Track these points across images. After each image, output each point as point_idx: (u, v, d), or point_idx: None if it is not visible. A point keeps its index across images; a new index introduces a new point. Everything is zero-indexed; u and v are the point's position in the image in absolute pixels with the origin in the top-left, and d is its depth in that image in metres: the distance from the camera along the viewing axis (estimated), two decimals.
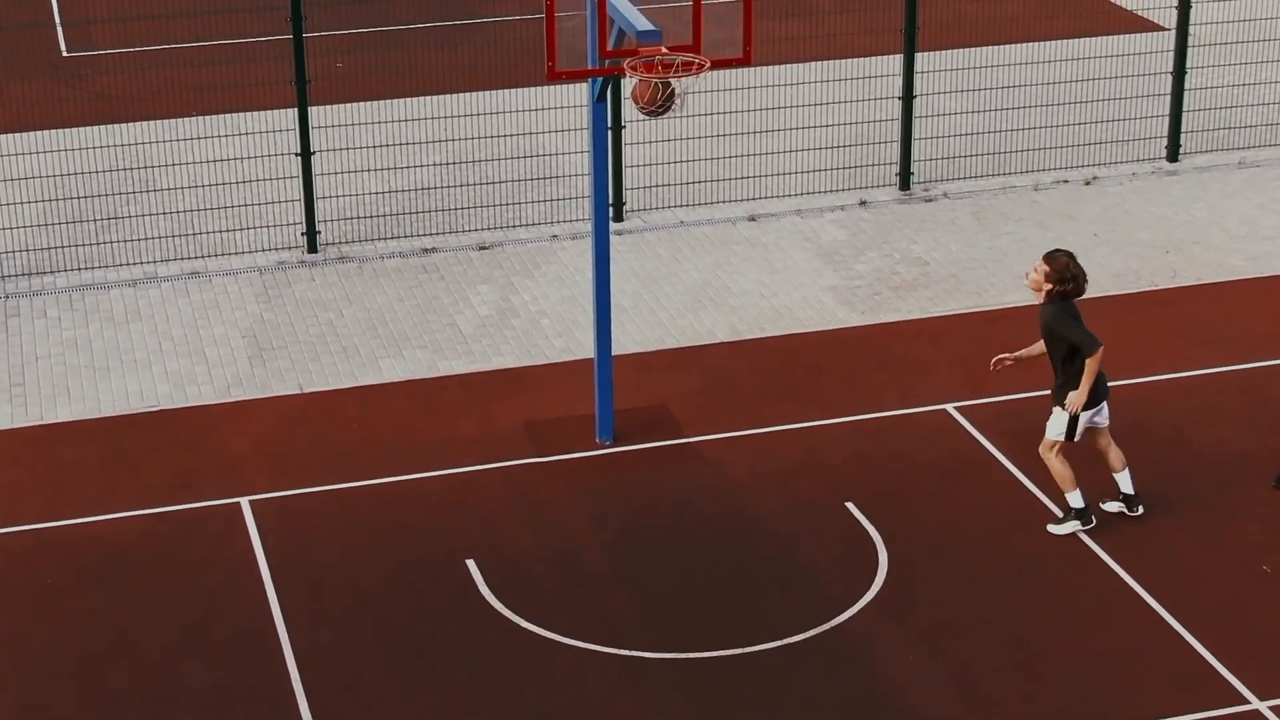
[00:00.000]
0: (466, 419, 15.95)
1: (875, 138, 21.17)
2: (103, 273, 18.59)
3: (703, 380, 16.52)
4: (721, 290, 18.16)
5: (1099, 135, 21.28)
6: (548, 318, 17.67)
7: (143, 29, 25.08)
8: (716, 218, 19.71)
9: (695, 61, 12.81)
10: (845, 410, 15.99)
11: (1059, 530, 14.24)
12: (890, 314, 17.67)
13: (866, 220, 19.62)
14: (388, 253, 18.96)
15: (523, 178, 20.38)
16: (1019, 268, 18.50)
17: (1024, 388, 16.26)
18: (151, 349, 17.17)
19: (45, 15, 25.79)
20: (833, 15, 25.00)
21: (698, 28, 13.00)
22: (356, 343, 17.26)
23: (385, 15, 25.55)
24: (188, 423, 15.95)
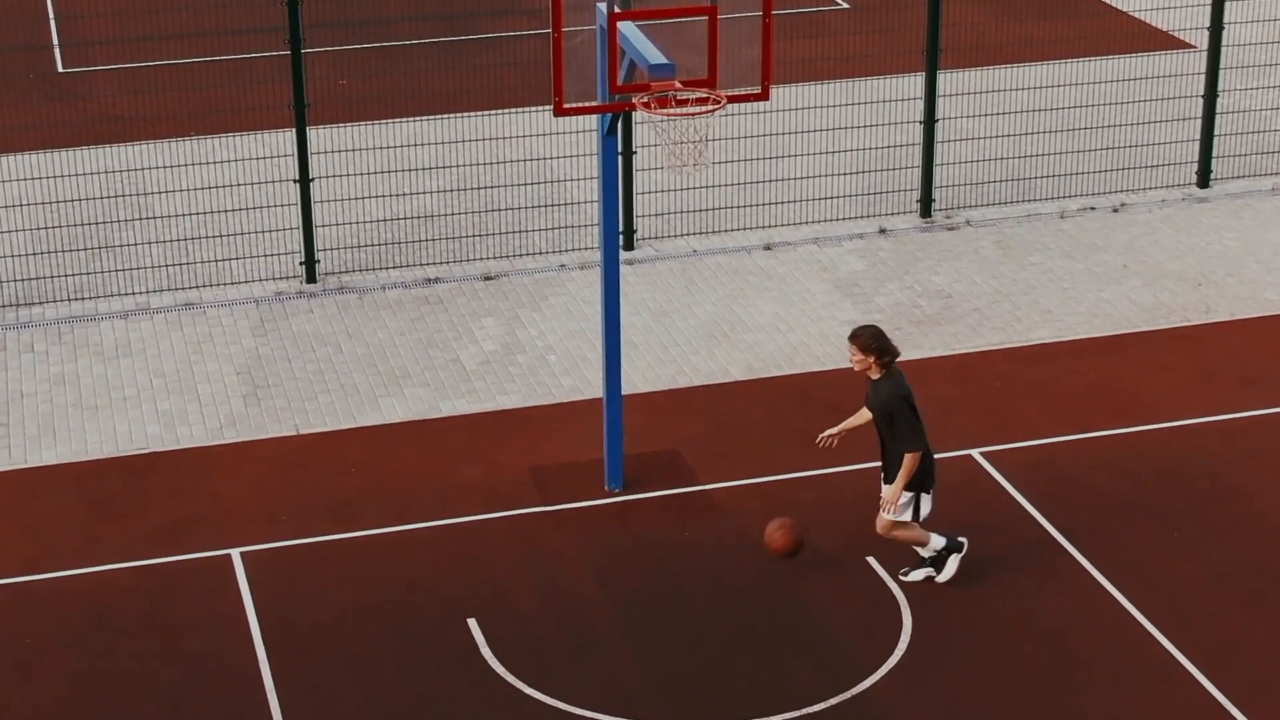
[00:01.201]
0: (469, 463, 15.24)
1: (895, 163, 20.44)
2: (93, 304, 17.89)
3: (716, 422, 15.80)
4: (736, 324, 17.44)
5: (1127, 160, 20.55)
6: (555, 354, 16.96)
7: (142, 34, 24.38)
8: (731, 246, 18.99)
9: (711, 98, 12.08)
10: (865, 455, 15.25)
11: (945, 577, 13.55)
12: (911, 350, 16.94)
13: (886, 249, 18.89)
14: (389, 283, 18.25)
15: (530, 204, 19.67)
16: (1046, 301, 17.76)
17: (1054, 432, 15.54)
18: (142, 386, 16.47)
19: (43, 31, 25.09)
20: (851, 36, 24.28)
21: (713, 62, 12.27)
22: (356, 380, 16.55)
23: (388, 31, 24.82)
24: (178, 466, 15.25)
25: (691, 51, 13.38)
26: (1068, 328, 17.32)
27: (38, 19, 25.47)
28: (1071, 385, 16.30)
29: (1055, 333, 17.22)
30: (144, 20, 25.04)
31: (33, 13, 25.70)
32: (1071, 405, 15.97)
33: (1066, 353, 16.87)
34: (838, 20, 24.93)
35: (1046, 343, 17.05)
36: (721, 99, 12.10)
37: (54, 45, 24.47)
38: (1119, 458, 15.19)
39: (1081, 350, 16.90)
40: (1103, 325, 17.35)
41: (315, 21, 24.54)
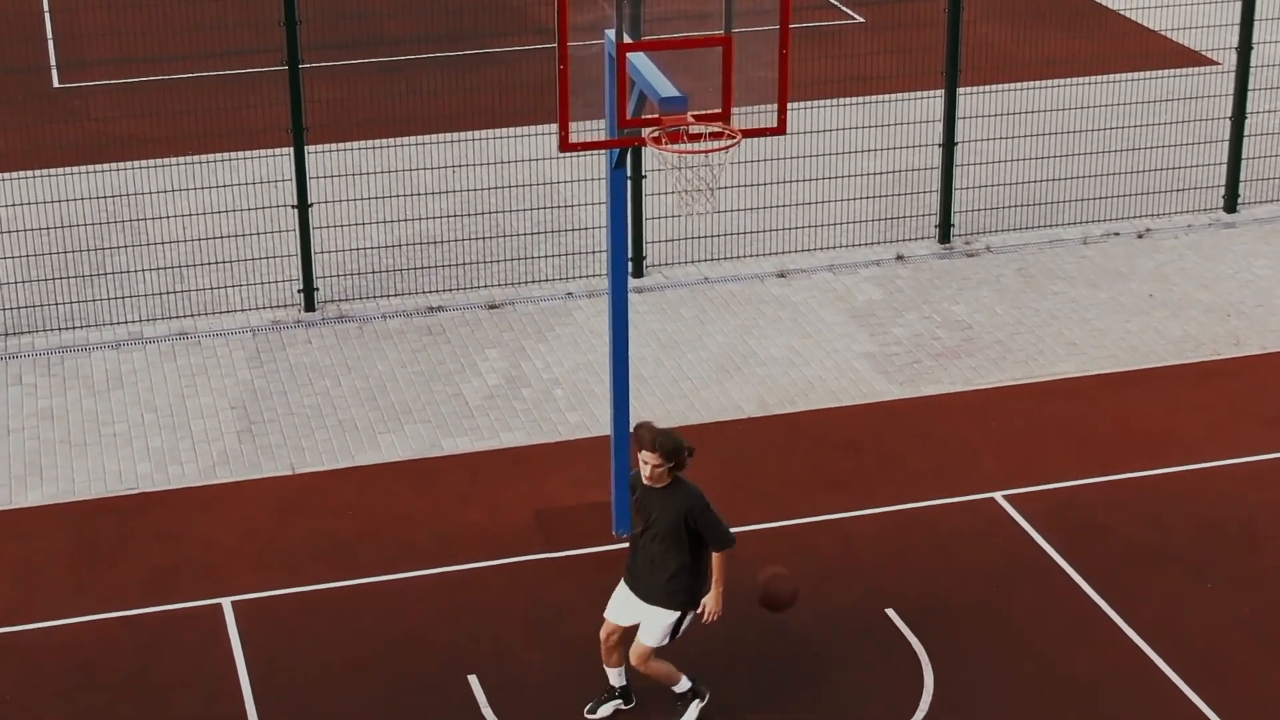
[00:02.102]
0: (471, 506, 14.64)
1: (913, 187, 19.83)
2: (85, 333, 17.30)
3: (728, 462, 15.20)
4: (749, 357, 16.83)
5: (1152, 184, 19.93)
6: (561, 387, 16.36)
7: (140, 55, 23.81)
8: (743, 274, 18.39)
9: (725, 132, 11.48)
10: (884, 498, 14.66)
11: None
12: (931, 385, 16.34)
13: (904, 277, 18.28)
14: (390, 311, 17.66)
15: (536, 230, 19.08)
16: (1069, 333, 17.15)
17: (1079, 473, 14.93)
18: (133, 421, 15.88)
19: (40, 49, 24.53)
20: (867, 53, 23.67)
21: (728, 95, 11.65)
22: (354, 415, 15.95)
23: (392, 49, 24.21)
24: (168, 508, 14.66)
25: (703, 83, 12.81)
26: (1092, 361, 16.71)
27: (35, 38, 24.91)
28: (1097, 423, 15.69)
29: (1080, 366, 16.61)
30: (143, 40, 24.47)
31: (30, 31, 25.14)
32: (1097, 445, 15.36)
33: (1092, 388, 16.25)
34: (852, 35, 24.33)
35: (1071, 377, 16.43)
36: (736, 134, 11.50)
37: (51, 63, 23.90)
38: (1147, 501, 14.58)
39: (1107, 386, 16.29)
40: (1128, 359, 16.74)
41: (318, 42, 23.97)
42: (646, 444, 11.63)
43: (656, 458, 11.65)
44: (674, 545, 11.74)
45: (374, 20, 25.18)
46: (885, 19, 25.01)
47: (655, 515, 11.75)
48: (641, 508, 11.84)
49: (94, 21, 25.00)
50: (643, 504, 11.82)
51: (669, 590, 11.84)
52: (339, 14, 25.31)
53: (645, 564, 11.87)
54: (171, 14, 25.25)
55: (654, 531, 11.75)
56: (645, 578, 11.89)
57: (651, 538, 11.78)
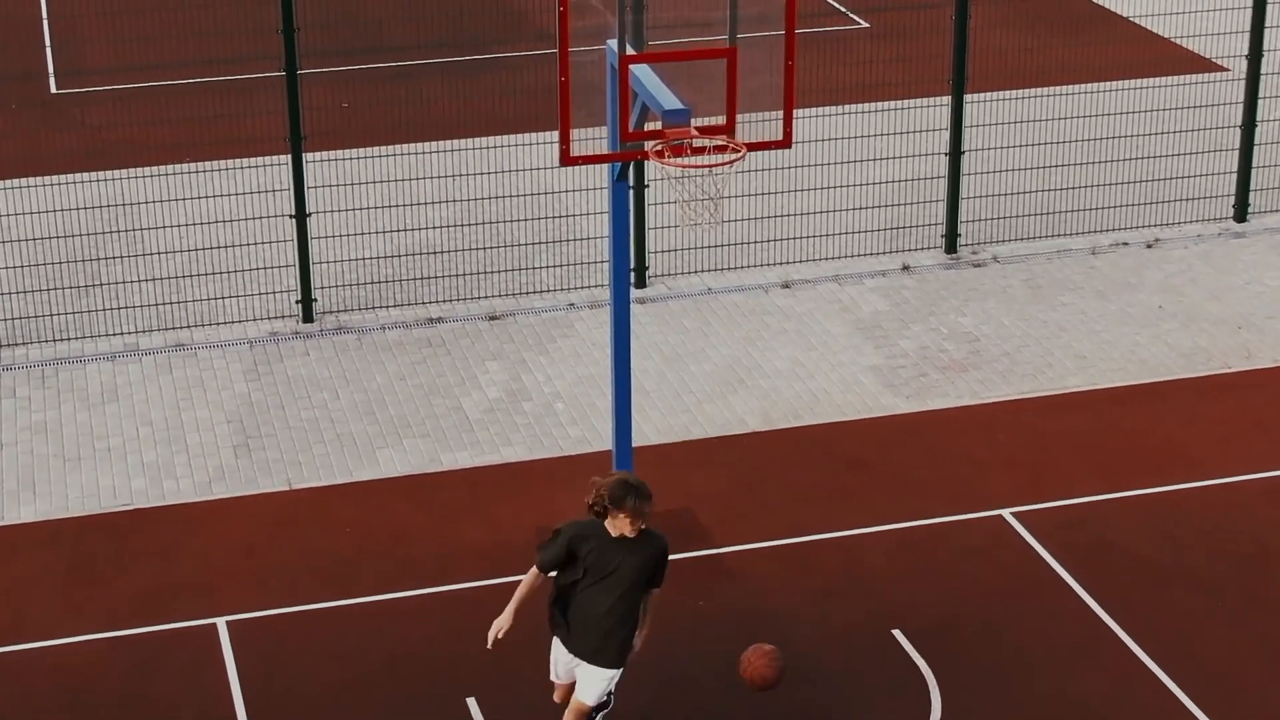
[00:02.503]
0: (470, 523, 14.40)
1: (919, 196, 19.59)
2: (79, 344, 17.06)
3: (732, 477, 14.96)
4: (753, 370, 16.59)
5: (1160, 193, 19.68)
6: (562, 401, 16.12)
7: (137, 61, 23.59)
8: (747, 284, 18.14)
9: (729, 146, 11.24)
10: (890, 515, 14.42)
11: None
12: (938, 399, 16.09)
13: (910, 288, 18.03)
14: (389, 322, 17.42)
15: (537, 240, 18.83)
16: (1078, 345, 16.90)
17: (1088, 490, 14.69)
18: (128, 435, 15.64)
19: (38, 55, 24.31)
20: (872, 59, 23.43)
21: (732, 108, 11.41)
22: (352, 429, 15.71)
23: (393, 54, 23.97)
24: (163, 525, 14.42)
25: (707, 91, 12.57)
26: (1102, 374, 16.46)
27: (33, 44, 24.70)
28: (1106, 438, 15.44)
29: (1089, 380, 16.37)
30: (141, 47, 24.24)
31: (28, 38, 24.93)
32: (1107, 460, 15.12)
33: (1101, 402, 16.01)
34: (857, 42, 24.09)
35: (1080, 391, 16.19)
36: (740, 148, 11.26)
37: (49, 70, 23.68)
38: (1158, 518, 14.34)
39: (1117, 399, 16.05)
40: (1139, 372, 16.49)
41: (318, 48, 23.74)
42: (642, 502, 10.94)
43: (624, 519, 10.98)
44: (632, 596, 11.09)
45: (374, 27, 24.94)
46: (891, 25, 24.78)
47: (617, 567, 11.00)
48: (596, 561, 11.02)
49: (92, 28, 24.78)
50: (600, 558, 11.02)
51: (619, 645, 11.20)
52: (338, 20, 25.08)
53: (591, 618, 11.10)
54: (170, 20, 25.02)
55: (611, 584, 10.99)
56: (592, 632, 11.14)
57: (604, 590, 11.02)
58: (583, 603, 11.09)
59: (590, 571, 11.01)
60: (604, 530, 11.08)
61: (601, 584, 11.01)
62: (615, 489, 10.96)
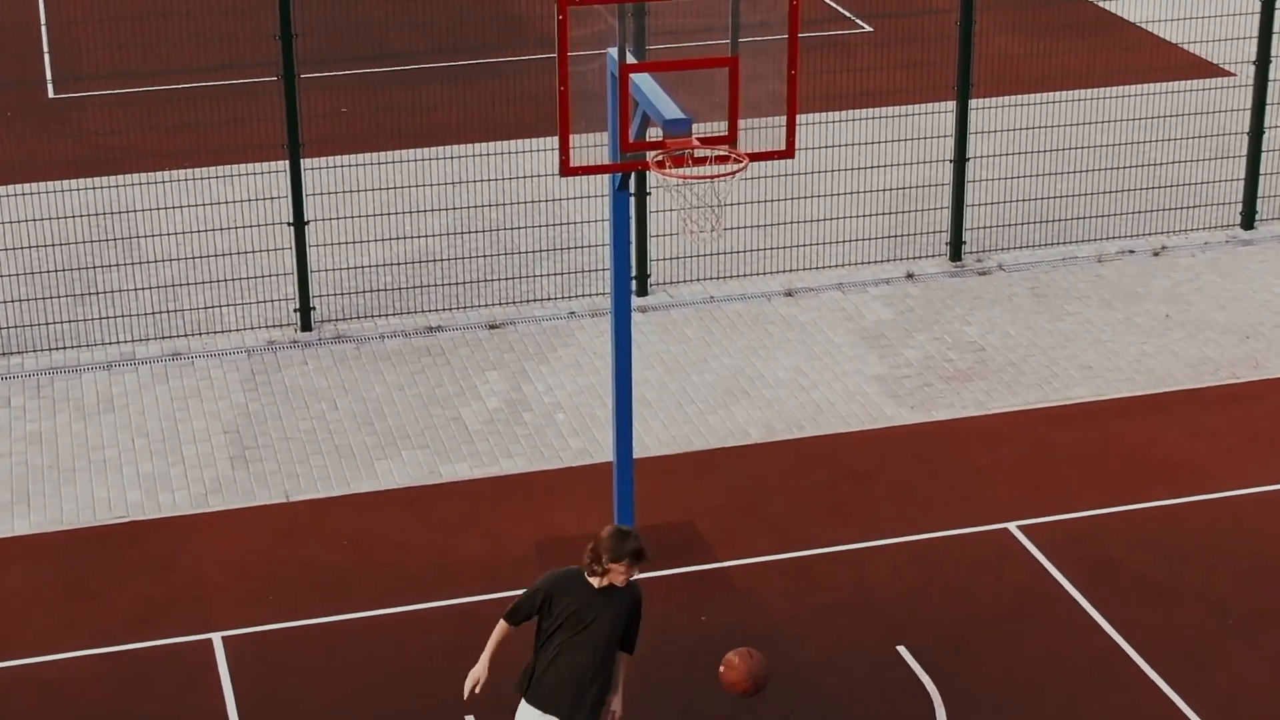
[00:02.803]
0: (470, 536, 14.23)
1: (923, 204, 19.41)
2: (75, 353, 16.89)
3: (734, 490, 14.79)
4: (755, 380, 16.41)
5: (1167, 200, 19.50)
6: (563, 411, 15.94)
7: (136, 67, 23.41)
8: (750, 292, 17.97)
9: (731, 156, 11.06)
10: (895, 529, 14.24)
11: None
12: (943, 410, 15.91)
13: (914, 296, 17.86)
14: (388, 331, 17.25)
15: (538, 248, 18.66)
16: (1084, 355, 16.72)
17: (1095, 503, 14.52)
18: (124, 446, 15.47)
19: (36, 61, 24.15)
20: (876, 65, 23.26)
21: (734, 118, 11.24)
22: (351, 440, 15.54)
23: (390, 59, 23.80)
24: (159, 538, 14.24)
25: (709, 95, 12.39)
26: (1108, 385, 16.29)
27: (32, 50, 24.55)
28: (1113, 450, 15.27)
29: (1095, 390, 16.19)
30: (139, 53, 24.08)
31: (27, 44, 24.77)
32: (1113, 473, 14.94)
33: (1107, 413, 15.83)
34: (861, 48, 23.91)
35: (1086, 402, 16.01)
36: (742, 158, 11.08)
37: (46, 76, 23.52)
38: (1165, 532, 14.16)
39: (1123, 410, 15.87)
40: (1145, 382, 16.31)
41: (318, 55, 23.57)
42: (632, 556, 10.49)
43: (613, 570, 10.52)
44: (608, 649, 10.61)
45: (375, 32, 24.78)
46: (895, 31, 24.60)
47: (597, 618, 10.53)
48: (575, 614, 10.55)
49: (91, 34, 24.61)
50: (580, 610, 10.54)
51: (593, 704, 10.62)
52: (339, 25, 24.93)
53: (568, 672, 10.58)
54: (169, 26, 24.87)
55: (588, 637, 10.54)
56: (567, 688, 10.60)
57: (581, 643, 10.55)
58: (558, 656, 10.60)
59: (567, 624, 10.55)
60: (584, 581, 10.64)
61: (578, 637, 10.55)
62: (613, 543, 10.51)
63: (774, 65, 12.06)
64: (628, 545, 10.48)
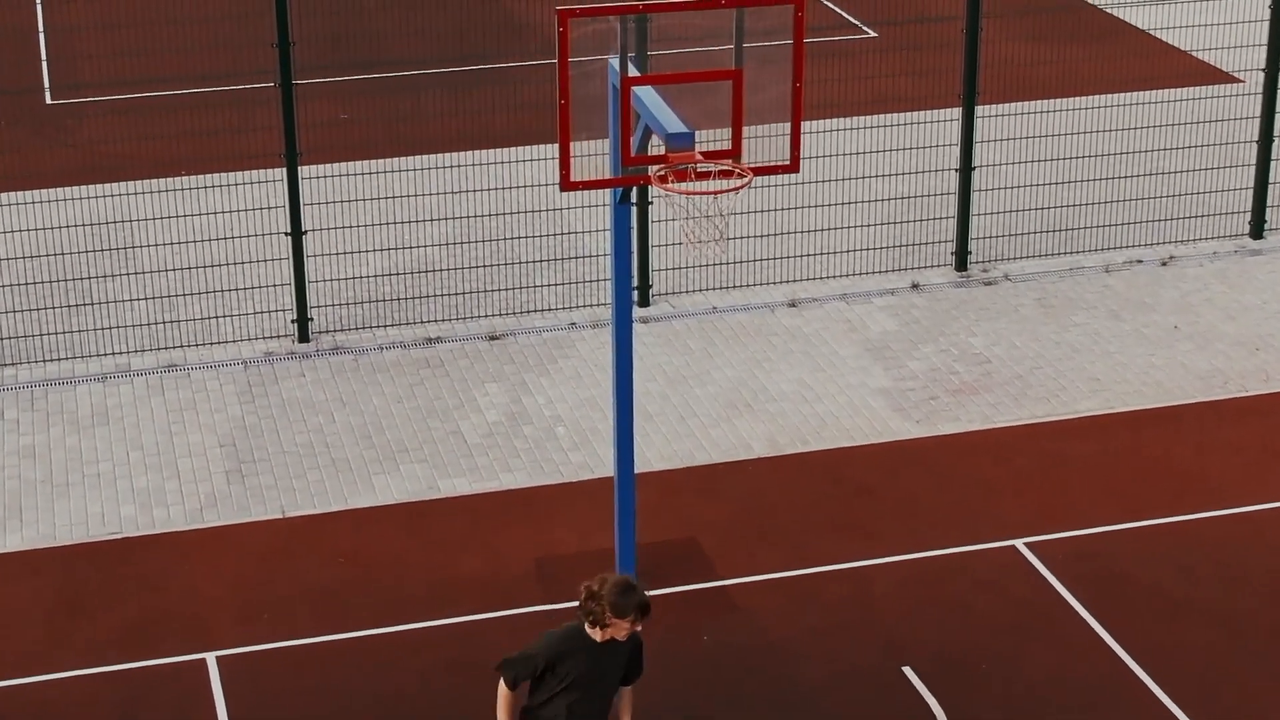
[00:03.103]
0: (469, 553, 14.00)
1: (929, 213, 19.19)
2: (70, 365, 16.68)
3: (737, 505, 14.56)
4: (759, 392, 16.19)
5: (1175, 209, 19.28)
6: (564, 425, 15.72)
7: (134, 76, 23.21)
8: (753, 303, 17.75)
9: (736, 171, 10.84)
10: (900, 545, 14.02)
11: None
12: (948, 423, 15.69)
13: (919, 307, 17.63)
14: (387, 342, 17.03)
15: (538, 258, 18.43)
16: (1092, 367, 16.50)
17: (1104, 519, 14.29)
18: (118, 460, 15.25)
19: (34, 69, 23.94)
20: (880, 68, 23.03)
21: (738, 131, 11.01)
22: (348, 454, 15.32)
23: (390, 65, 23.58)
24: (153, 554, 14.02)
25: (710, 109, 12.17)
26: (1117, 398, 16.06)
27: (30, 58, 24.34)
28: (1122, 465, 15.04)
29: (1104, 403, 15.96)
30: (138, 60, 23.87)
31: (25, 52, 24.56)
32: (1122, 488, 14.71)
33: (1116, 427, 15.60)
34: (866, 55, 23.68)
35: (1094, 415, 15.78)
36: (747, 173, 10.86)
37: (44, 84, 23.32)
38: (1176, 549, 13.93)
39: (1132, 424, 15.64)
40: (1154, 395, 16.09)
41: (317, 62, 23.35)
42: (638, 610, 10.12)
43: (615, 624, 10.13)
44: (615, 690, 10.33)
45: (375, 39, 24.57)
46: (900, 37, 24.38)
47: (602, 675, 10.21)
48: (583, 673, 10.17)
49: (90, 42, 24.40)
50: (586, 669, 10.16)
51: None
52: (339, 33, 24.72)
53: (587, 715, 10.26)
54: (169, 34, 24.66)
55: (597, 692, 10.19)
56: None
57: (589, 700, 10.18)
58: (568, 715, 10.22)
59: (573, 687, 10.15)
60: (584, 638, 10.23)
61: (586, 696, 10.19)
62: (618, 599, 10.07)
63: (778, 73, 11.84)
64: (633, 600, 10.06)
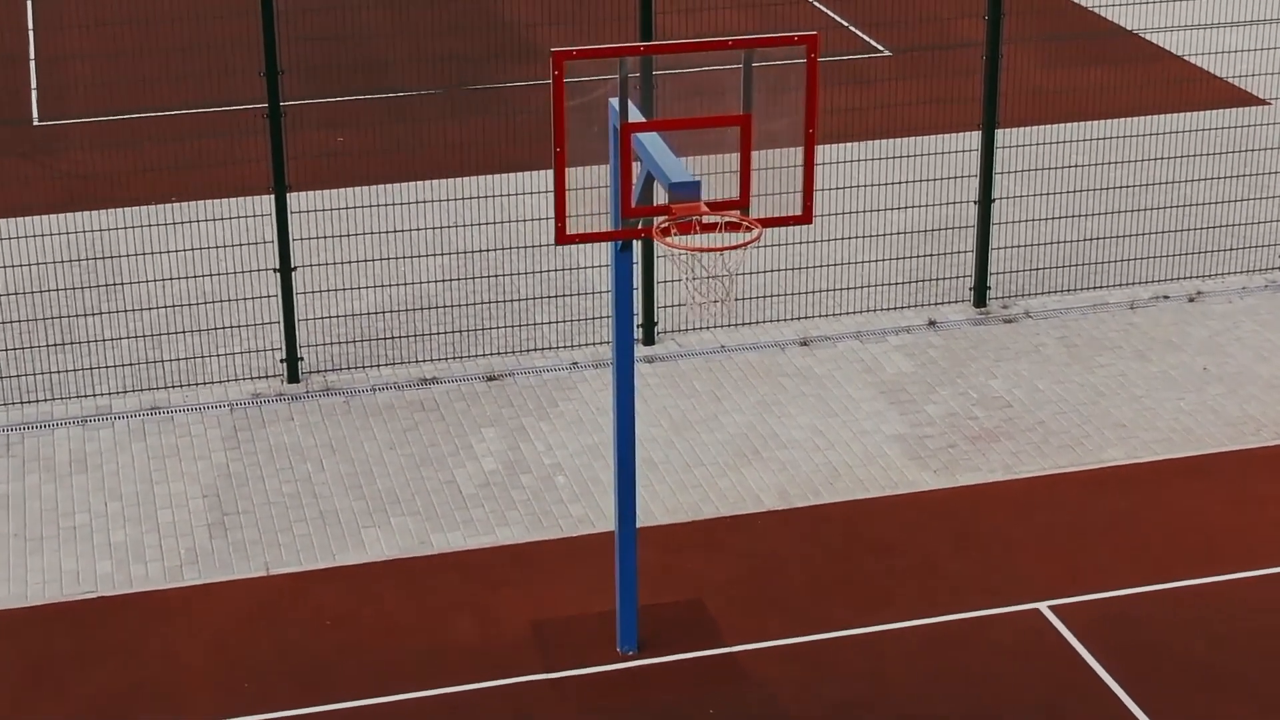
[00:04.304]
0: (462, 616, 13.26)
1: (946, 247, 18.43)
2: (49, 406, 15.96)
3: (746, 564, 13.81)
4: (769, 439, 15.44)
5: (1202, 242, 18.52)
6: (563, 474, 14.98)
7: (125, 106, 22.50)
8: (763, 341, 17.00)
9: (743, 224, 10.09)
10: (918, 608, 13.26)
11: None
12: (968, 473, 14.94)
13: (936, 346, 16.88)
14: (380, 383, 16.29)
15: (539, 294, 17.69)
16: (1118, 413, 15.74)
17: (1133, 580, 13.53)
18: (96, 512, 14.52)
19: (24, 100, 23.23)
20: (899, 106, 22.28)
21: (746, 179, 10.26)
22: (337, 505, 14.59)
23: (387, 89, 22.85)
24: (129, 616, 13.28)
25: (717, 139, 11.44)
26: (1144, 446, 15.30)
27: (19, 87, 23.64)
28: (1151, 520, 14.28)
29: (1130, 452, 15.21)
30: (129, 89, 23.16)
31: (14, 79, 23.87)
32: (1152, 546, 13.96)
33: (1144, 478, 14.85)
34: (881, 80, 22.91)
35: (1121, 465, 15.02)
36: (755, 226, 10.11)
37: (33, 116, 22.62)
38: (1209, 614, 13.17)
39: (1161, 475, 14.89)
40: (1183, 443, 15.33)
41: (314, 85, 22.64)
42: None
43: None
44: None
45: (372, 65, 23.86)
46: (918, 64, 23.62)
47: None
48: None
49: (80, 71, 23.69)
50: None
51: None
52: (335, 55, 24.00)
53: None
54: (163, 63, 23.96)
55: None
56: None
57: None
58: None
59: None
60: None
61: None
62: None
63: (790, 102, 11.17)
64: None
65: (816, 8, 25.31)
